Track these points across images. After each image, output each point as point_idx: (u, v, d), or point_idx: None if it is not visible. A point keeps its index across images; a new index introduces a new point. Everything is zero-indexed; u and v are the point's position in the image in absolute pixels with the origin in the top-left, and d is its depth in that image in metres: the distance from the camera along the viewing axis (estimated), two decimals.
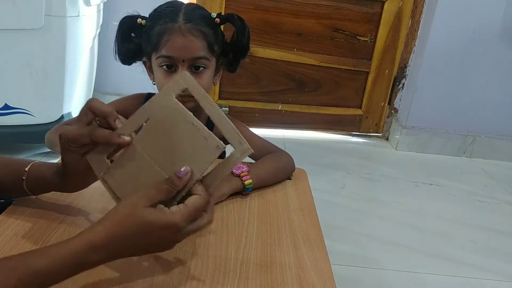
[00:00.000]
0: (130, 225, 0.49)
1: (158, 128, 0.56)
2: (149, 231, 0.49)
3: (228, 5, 2.36)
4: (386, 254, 1.60)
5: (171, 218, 0.49)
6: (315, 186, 0.92)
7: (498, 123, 2.50)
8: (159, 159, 0.55)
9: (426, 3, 2.40)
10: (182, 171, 0.52)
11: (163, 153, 0.55)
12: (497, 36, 2.32)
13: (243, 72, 2.51)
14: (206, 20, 0.87)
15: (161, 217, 0.49)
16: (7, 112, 1.78)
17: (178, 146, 0.55)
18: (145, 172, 0.56)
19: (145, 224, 0.49)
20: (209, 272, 0.61)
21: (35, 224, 0.67)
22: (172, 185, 0.51)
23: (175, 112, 0.55)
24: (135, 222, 0.49)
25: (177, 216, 0.50)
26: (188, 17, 0.84)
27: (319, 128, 2.68)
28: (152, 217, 0.49)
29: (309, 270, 0.64)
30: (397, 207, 1.94)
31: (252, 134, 0.96)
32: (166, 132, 0.55)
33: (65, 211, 0.71)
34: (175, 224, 0.50)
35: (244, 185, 0.80)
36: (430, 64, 2.39)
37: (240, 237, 0.69)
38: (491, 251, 1.69)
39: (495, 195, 2.14)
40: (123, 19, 0.90)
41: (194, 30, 0.84)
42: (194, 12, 0.87)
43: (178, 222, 0.50)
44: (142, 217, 0.49)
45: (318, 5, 2.39)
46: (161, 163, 0.55)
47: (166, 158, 0.55)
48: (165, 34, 0.83)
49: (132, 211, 0.49)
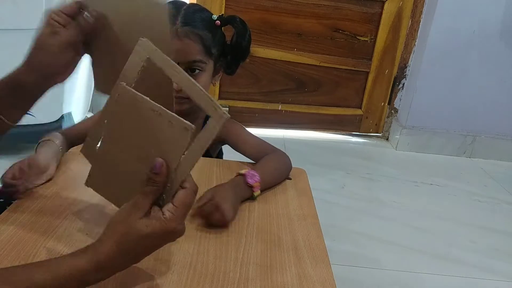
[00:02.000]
0: (130, 243, 0.49)
1: (123, 124, 0.54)
2: (149, 243, 0.50)
3: (228, 5, 2.36)
4: (386, 254, 1.60)
5: (168, 226, 0.50)
6: (315, 186, 0.92)
7: (498, 123, 2.50)
8: (133, 155, 0.54)
9: (426, 3, 2.40)
10: (157, 165, 0.50)
11: (136, 147, 0.54)
12: (497, 36, 2.32)
13: (243, 72, 2.51)
14: (205, 23, 0.87)
15: (158, 227, 0.49)
16: None
17: (148, 136, 0.52)
18: (125, 171, 0.55)
19: (144, 237, 0.49)
20: (209, 272, 0.60)
21: (38, 220, 0.67)
22: (154, 184, 0.50)
23: (136, 102, 0.52)
24: (134, 239, 0.49)
25: (173, 222, 0.50)
26: (186, 20, 0.85)
27: (319, 128, 2.68)
28: (149, 230, 0.49)
29: (309, 270, 0.64)
30: (397, 207, 1.94)
31: (249, 135, 0.96)
32: (132, 126, 0.53)
33: (68, 208, 0.71)
34: (173, 230, 0.50)
35: (252, 195, 0.80)
36: (430, 64, 2.39)
37: (240, 237, 0.69)
38: (491, 251, 1.69)
39: (495, 195, 2.13)
40: None
41: (191, 34, 0.84)
42: (193, 14, 0.87)
43: (175, 227, 0.50)
44: (140, 231, 0.49)
45: (318, 5, 2.39)
46: (137, 158, 0.53)
47: (140, 152, 0.53)
48: None
49: (129, 228, 0.49)
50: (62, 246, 0.62)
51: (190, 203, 0.52)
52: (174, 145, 0.50)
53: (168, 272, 0.60)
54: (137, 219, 0.49)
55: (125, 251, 0.49)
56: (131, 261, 0.52)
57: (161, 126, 0.51)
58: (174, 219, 0.50)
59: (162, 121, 0.50)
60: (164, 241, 0.52)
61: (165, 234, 0.50)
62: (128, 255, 0.50)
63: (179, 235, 0.52)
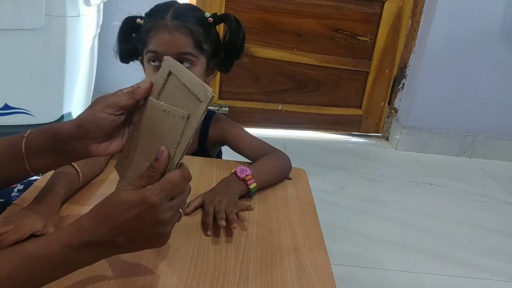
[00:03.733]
0: (109, 206, 0.50)
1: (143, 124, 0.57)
2: (125, 209, 0.50)
3: (228, 5, 2.36)
4: (386, 254, 1.60)
5: (143, 194, 0.50)
6: (315, 186, 0.92)
7: (498, 123, 2.50)
8: (143, 153, 0.57)
9: (426, 3, 2.40)
10: (159, 152, 0.52)
11: (146, 145, 0.56)
12: (497, 36, 2.32)
13: (243, 72, 2.51)
14: (197, 19, 0.87)
15: (135, 194, 0.50)
16: (7, 112, 1.78)
17: (150, 130, 0.56)
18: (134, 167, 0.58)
19: (121, 203, 0.50)
20: (209, 272, 0.61)
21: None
22: (152, 170, 0.52)
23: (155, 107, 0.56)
24: (113, 203, 0.50)
25: (148, 191, 0.50)
26: (176, 15, 0.85)
27: (319, 128, 2.68)
28: (126, 196, 0.50)
29: (309, 270, 0.64)
30: (397, 207, 1.94)
31: (248, 135, 0.97)
32: (143, 125, 0.57)
33: (71, 203, 0.71)
34: (148, 199, 0.50)
35: (249, 189, 0.80)
36: (430, 64, 2.39)
37: (240, 237, 0.69)
38: (491, 251, 1.69)
39: (495, 195, 2.14)
40: (125, 20, 0.91)
41: (181, 27, 0.84)
42: (184, 10, 0.87)
43: (149, 197, 0.50)
44: (118, 197, 0.50)
45: (318, 5, 2.39)
46: (145, 155, 0.56)
47: (146, 148, 0.56)
48: (152, 30, 0.85)
49: (112, 194, 0.51)
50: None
51: (173, 180, 0.51)
52: (171, 134, 0.53)
53: (168, 272, 0.60)
54: (123, 190, 0.51)
55: (103, 215, 0.50)
56: (110, 231, 0.50)
57: (158, 116, 0.54)
58: (150, 189, 0.50)
59: (157, 111, 0.55)
60: (144, 217, 0.50)
61: (140, 202, 0.49)
62: (106, 221, 0.50)
63: (156, 211, 0.50)
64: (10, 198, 0.80)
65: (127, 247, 0.52)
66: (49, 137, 0.57)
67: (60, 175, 0.72)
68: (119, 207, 0.50)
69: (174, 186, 0.51)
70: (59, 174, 0.73)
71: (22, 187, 0.83)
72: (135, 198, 0.50)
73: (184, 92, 0.53)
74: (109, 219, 0.50)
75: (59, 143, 0.57)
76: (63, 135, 0.57)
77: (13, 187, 0.84)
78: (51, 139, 0.57)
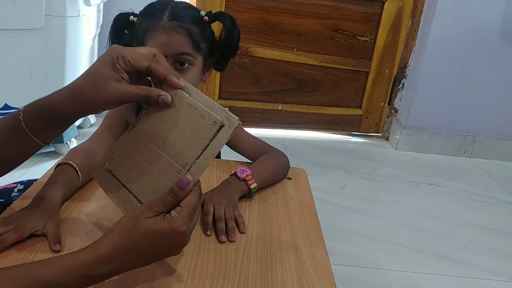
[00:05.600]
0: (135, 237, 0.50)
1: (157, 113, 0.57)
2: (153, 240, 0.50)
3: (228, 5, 2.36)
4: (386, 254, 1.60)
5: (173, 225, 0.50)
6: (315, 186, 0.92)
7: (498, 123, 2.50)
8: (158, 142, 0.56)
9: (426, 3, 2.40)
10: (184, 180, 0.52)
11: (162, 134, 0.56)
12: (497, 36, 2.32)
13: (243, 72, 2.51)
14: (193, 18, 0.87)
15: (164, 225, 0.50)
16: (7, 112, 1.78)
17: (176, 126, 0.55)
18: (145, 154, 0.57)
19: (149, 234, 0.50)
20: (209, 272, 0.61)
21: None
22: (175, 198, 0.52)
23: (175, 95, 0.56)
24: (140, 233, 0.50)
25: (178, 221, 0.50)
26: (173, 15, 0.85)
27: (319, 128, 2.68)
28: (155, 227, 0.50)
29: (309, 270, 0.64)
30: (397, 207, 1.94)
31: (247, 135, 0.97)
32: (164, 115, 0.56)
33: (71, 202, 0.71)
34: (178, 229, 0.50)
35: (250, 188, 0.80)
36: (430, 64, 2.39)
37: (240, 237, 0.69)
38: (491, 251, 1.69)
39: (495, 195, 2.14)
40: (117, 17, 0.90)
41: (178, 28, 0.84)
42: (181, 10, 0.87)
43: (180, 227, 0.50)
44: (146, 228, 0.50)
45: (318, 5, 2.39)
46: (160, 144, 0.56)
47: (165, 139, 0.56)
48: (149, 31, 0.84)
49: (136, 223, 0.50)
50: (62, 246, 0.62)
51: (194, 203, 0.52)
52: (199, 137, 0.53)
53: (168, 272, 0.60)
54: (146, 217, 0.50)
55: (128, 245, 0.50)
56: (133, 259, 0.51)
57: (193, 118, 0.54)
58: (179, 218, 0.51)
59: (196, 114, 0.54)
60: (170, 244, 0.52)
61: (170, 233, 0.50)
62: (131, 251, 0.50)
63: (183, 238, 0.52)
64: (10, 198, 0.80)
65: (140, 265, 0.53)
66: (46, 114, 0.56)
67: (59, 175, 0.72)
68: (147, 238, 0.50)
69: (195, 208, 0.53)
70: (59, 174, 0.73)
71: (22, 187, 0.83)
72: (166, 229, 0.50)
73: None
74: (134, 248, 0.50)
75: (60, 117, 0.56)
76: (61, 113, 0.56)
77: (13, 187, 0.84)
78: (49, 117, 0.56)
